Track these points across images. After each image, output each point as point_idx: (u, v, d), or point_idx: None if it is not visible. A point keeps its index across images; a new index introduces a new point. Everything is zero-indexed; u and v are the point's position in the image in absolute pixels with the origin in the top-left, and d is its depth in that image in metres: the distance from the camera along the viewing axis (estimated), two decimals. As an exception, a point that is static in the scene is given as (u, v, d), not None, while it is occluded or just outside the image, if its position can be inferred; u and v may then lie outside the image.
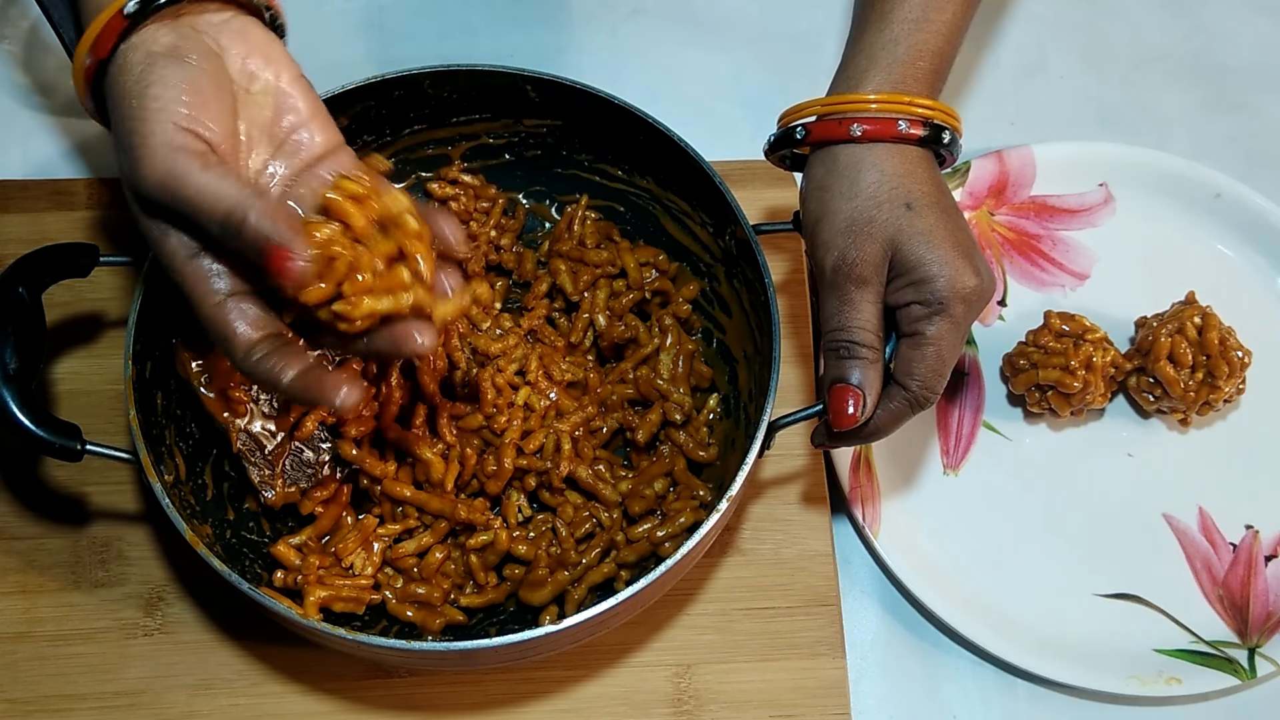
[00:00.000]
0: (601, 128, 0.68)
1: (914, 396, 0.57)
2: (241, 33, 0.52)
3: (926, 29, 0.60)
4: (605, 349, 0.70)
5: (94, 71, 0.51)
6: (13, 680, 0.65)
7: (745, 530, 0.69)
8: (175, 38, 0.50)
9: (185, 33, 0.50)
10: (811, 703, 0.65)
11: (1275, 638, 0.68)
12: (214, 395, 0.61)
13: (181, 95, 0.49)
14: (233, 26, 0.52)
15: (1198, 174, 0.80)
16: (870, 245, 0.56)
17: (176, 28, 0.50)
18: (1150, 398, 0.73)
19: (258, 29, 0.53)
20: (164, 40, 0.50)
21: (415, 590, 0.62)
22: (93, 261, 0.61)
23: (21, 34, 0.85)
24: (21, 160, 0.81)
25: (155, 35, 0.50)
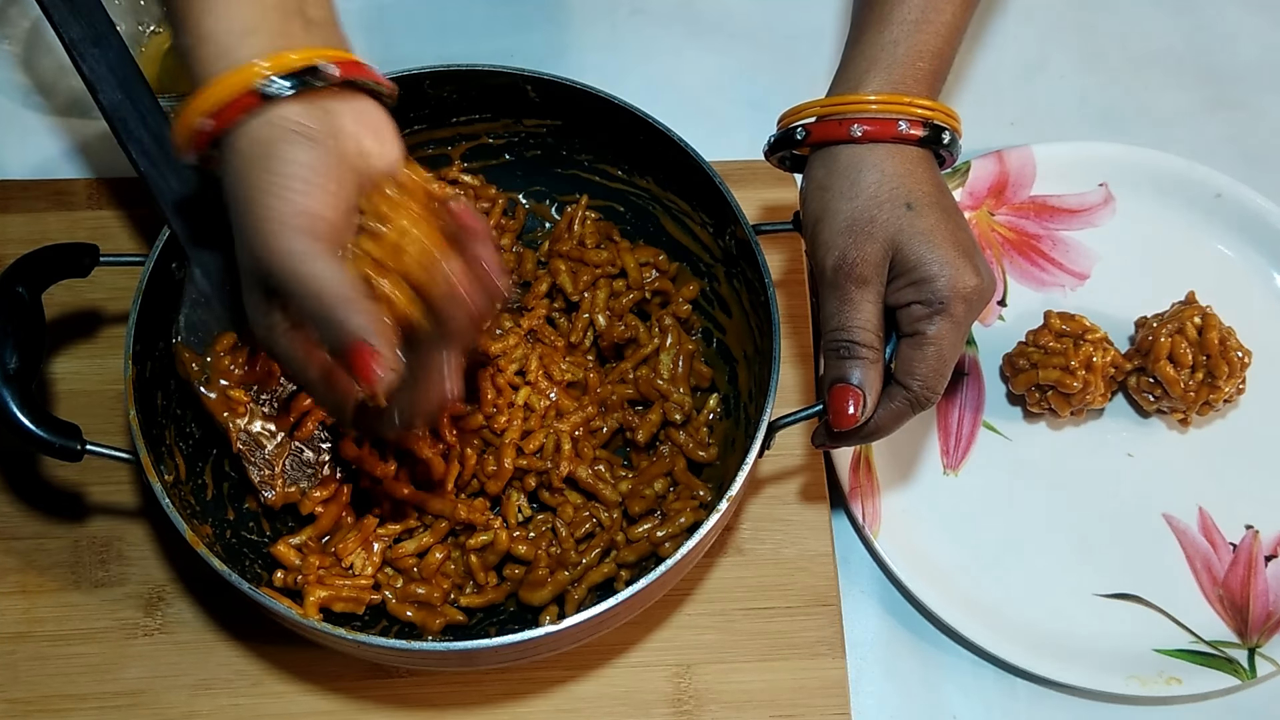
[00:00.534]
0: (601, 128, 0.68)
1: (915, 396, 0.57)
2: (360, 113, 0.52)
3: (926, 30, 0.60)
4: (605, 349, 0.70)
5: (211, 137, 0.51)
6: (13, 680, 0.65)
7: (745, 530, 0.69)
8: (305, 117, 0.50)
9: (316, 113, 0.50)
10: (811, 703, 0.65)
11: (1275, 638, 0.68)
12: (214, 395, 0.61)
13: (312, 176, 0.49)
14: (353, 106, 0.52)
15: (1198, 174, 0.80)
16: (871, 245, 0.57)
17: (309, 107, 0.50)
18: (1150, 398, 0.73)
19: (374, 109, 0.53)
20: (294, 118, 0.50)
21: (415, 590, 0.62)
22: (93, 261, 0.61)
23: (21, 34, 0.85)
24: (21, 160, 0.81)
25: (287, 112, 0.50)
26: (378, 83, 0.53)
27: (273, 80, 0.49)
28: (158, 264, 0.61)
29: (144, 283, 0.60)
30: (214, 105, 0.49)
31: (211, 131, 0.50)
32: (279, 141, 0.49)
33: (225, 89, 0.49)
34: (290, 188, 0.48)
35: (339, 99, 0.51)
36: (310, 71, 0.50)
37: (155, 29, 0.83)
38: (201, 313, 0.61)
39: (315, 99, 0.50)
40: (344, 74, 0.51)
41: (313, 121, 0.50)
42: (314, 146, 0.49)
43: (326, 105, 0.51)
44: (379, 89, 0.53)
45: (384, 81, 0.53)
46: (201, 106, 0.50)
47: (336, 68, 0.50)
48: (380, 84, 0.53)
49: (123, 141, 0.58)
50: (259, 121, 0.49)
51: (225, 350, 0.62)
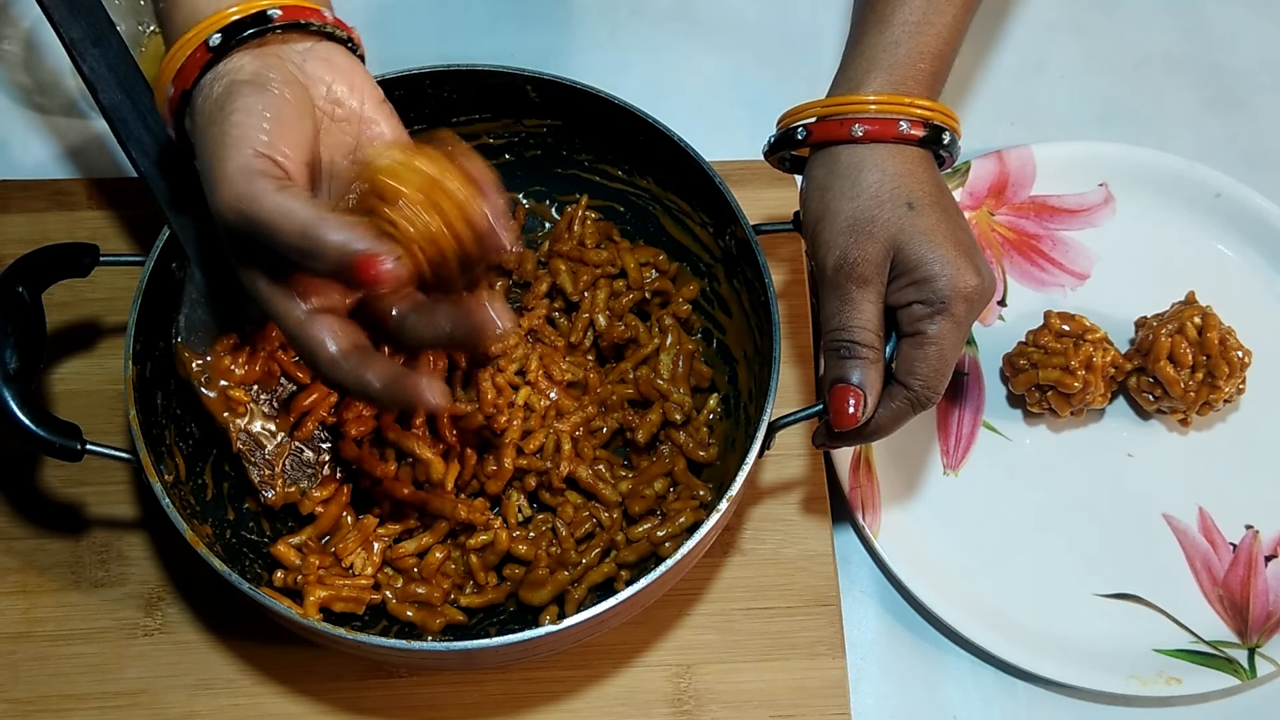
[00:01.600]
0: (601, 128, 0.68)
1: (916, 396, 0.57)
2: (327, 59, 0.52)
3: (927, 31, 0.60)
4: (605, 349, 0.70)
5: (178, 101, 0.51)
6: (13, 680, 0.65)
7: (745, 530, 0.69)
8: (259, 65, 0.50)
9: (270, 61, 0.50)
10: (811, 703, 0.65)
11: (1275, 638, 0.68)
12: (214, 395, 0.61)
13: (262, 122, 0.48)
14: (317, 53, 0.52)
15: (1198, 174, 0.80)
16: (872, 245, 0.57)
17: (261, 56, 0.50)
18: (1150, 398, 0.73)
19: (342, 55, 0.53)
20: (248, 68, 0.50)
21: (415, 590, 0.62)
22: (93, 261, 0.61)
23: (21, 34, 0.85)
24: (21, 160, 0.81)
25: (239, 64, 0.50)
26: (332, 25, 0.52)
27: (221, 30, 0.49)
28: (158, 264, 0.61)
29: (144, 283, 0.60)
30: (174, 69, 0.50)
31: (175, 96, 0.50)
32: (233, 94, 0.49)
33: (183, 50, 0.50)
34: (244, 136, 0.48)
35: (299, 45, 0.51)
36: (255, 17, 0.50)
37: (155, 29, 0.83)
38: (201, 313, 0.61)
39: (267, 47, 0.50)
40: (287, 16, 0.50)
41: (266, 69, 0.50)
42: (267, 93, 0.49)
43: (281, 52, 0.51)
44: (336, 33, 0.53)
45: (340, 24, 0.53)
46: (168, 73, 0.50)
47: (280, 10, 0.50)
48: (336, 26, 0.53)
49: (123, 141, 0.58)
50: (212, 77, 0.50)
51: (225, 350, 0.62)
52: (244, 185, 0.47)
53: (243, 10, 0.50)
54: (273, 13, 0.50)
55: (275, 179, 0.47)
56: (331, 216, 0.46)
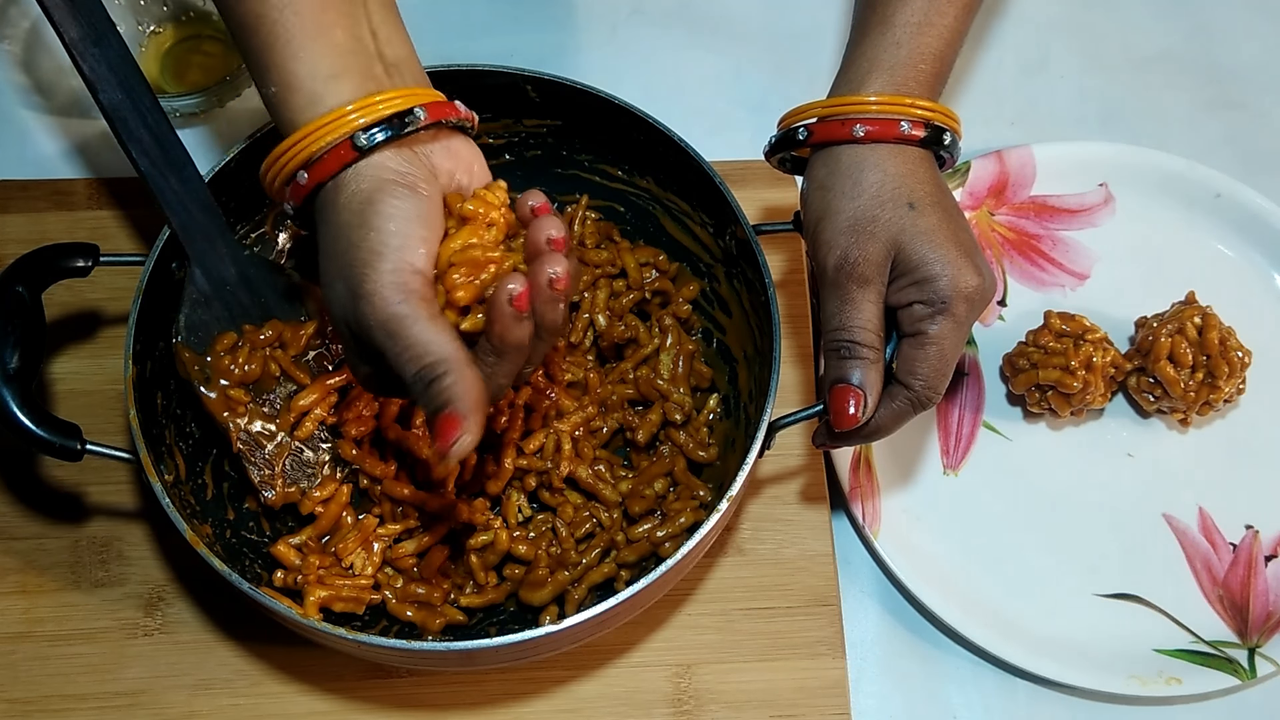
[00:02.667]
0: (601, 128, 0.68)
1: (917, 396, 0.57)
2: (451, 150, 0.52)
3: (928, 32, 0.60)
4: (605, 349, 0.70)
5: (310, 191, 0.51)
6: (13, 680, 0.65)
7: (745, 530, 0.69)
8: (405, 165, 0.50)
9: (410, 158, 0.50)
10: (811, 703, 0.65)
11: (1275, 638, 0.68)
12: (214, 395, 0.61)
13: (420, 231, 0.49)
14: (445, 146, 0.52)
15: (1198, 174, 0.80)
16: (873, 244, 0.57)
17: (403, 152, 0.50)
18: (1150, 398, 0.73)
19: (464, 144, 0.53)
20: (392, 166, 0.50)
21: (415, 590, 0.62)
22: (93, 261, 0.61)
23: (21, 34, 0.85)
24: (21, 160, 0.81)
25: (383, 160, 0.50)
26: (465, 119, 0.53)
27: (366, 130, 0.49)
28: (158, 264, 0.61)
29: (144, 283, 0.60)
30: (308, 157, 0.50)
31: (308, 185, 0.50)
32: (378, 194, 0.49)
33: (319, 140, 0.50)
34: (390, 244, 0.48)
35: (430, 140, 0.52)
36: (402, 117, 0.50)
37: (155, 29, 0.83)
38: (201, 313, 0.61)
39: (408, 144, 0.51)
40: (431, 116, 0.51)
41: (409, 168, 0.50)
42: (412, 195, 0.49)
43: (419, 149, 0.51)
44: (464, 124, 0.53)
45: (469, 116, 0.54)
46: (297, 158, 0.50)
47: (425, 111, 0.51)
48: (465, 120, 0.53)
49: (123, 141, 0.58)
50: (354, 174, 0.50)
51: (225, 350, 0.62)
52: (398, 306, 0.47)
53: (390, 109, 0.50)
54: (419, 112, 0.50)
55: (427, 303, 0.48)
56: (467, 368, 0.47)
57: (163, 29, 0.83)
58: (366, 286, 0.48)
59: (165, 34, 0.83)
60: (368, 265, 0.48)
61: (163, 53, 0.83)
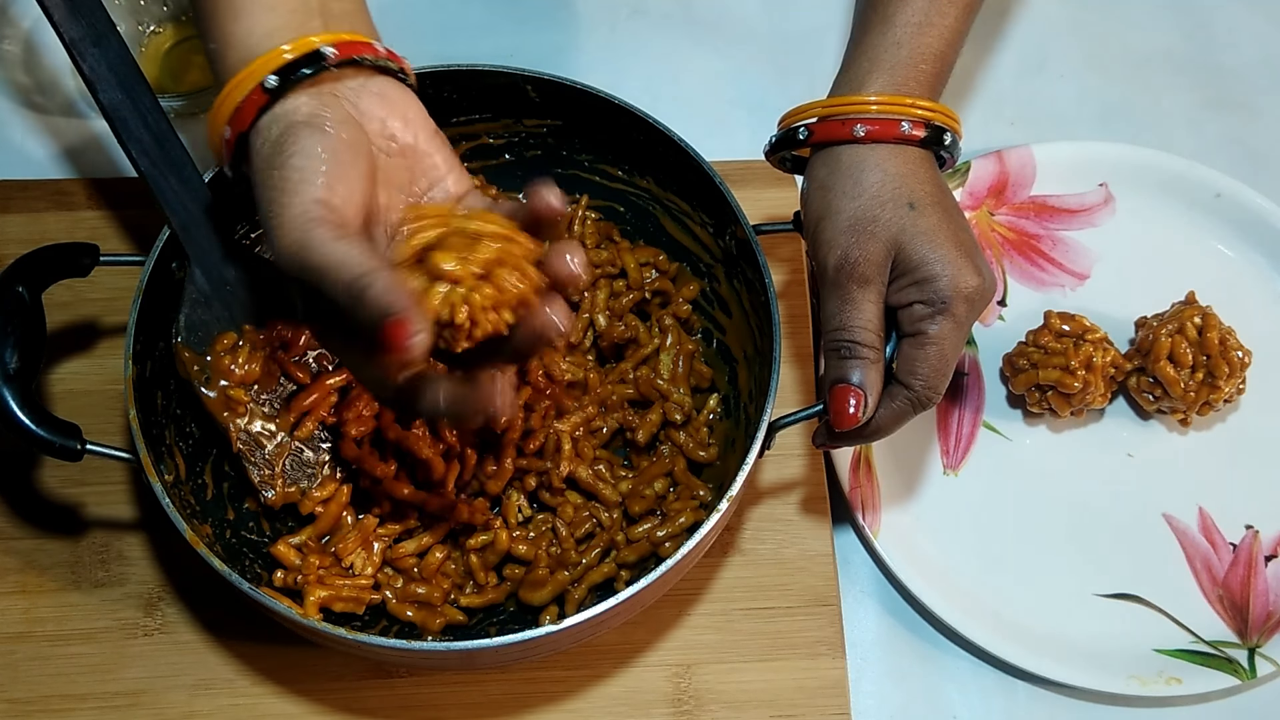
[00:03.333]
0: (601, 128, 0.68)
1: (917, 396, 0.57)
2: (380, 94, 0.52)
3: (929, 33, 0.60)
4: (605, 349, 0.70)
5: (235, 144, 0.51)
6: (13, 680, 0.65)
7: (745, 530, 0.69)
8: (315, 106, 0.50)
9: (325, 100, 0.50)
10: (811, 703, 0.65)
11: (1275, 638, 0.68)
12: (214, 395, 0.61)
13: (320, 165, 0.48)
14: (371, 88, 0.52)
15: (1198, 174, 0.80)
16: (873, 244, 0.57)
17: (317, 95, 0.50)
18: (1150, 398, 0.73)
19: (394, 88, 0.53)
20: (304, 109, 0.49)
21: (415, 590, 0.62)
22: (93, 261, 0.61)
23: (21, 34, 0.85)
24: (21, 160, 0.81)
25: (295, 104, 0.50)
26: (385, 58, 0.52)
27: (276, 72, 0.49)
28: (158, 264, 0.61)
29: (144, 283, 0.60)
30: (229, 111, 0.50)
31: (231, 139, 0.50)
32: (287, 135, 0.49)
33: (238, 91, 0.50)
34: (303, 181, 0.48)
35: (352, 81, 0.51)
36: (309, 57, 0.49)
37: (155, 29, 0.83)
38: (201, 313, 0.61)
39: (325, 87, 0.50)
40: (341, 54, 0.50)
41: (322, 108, 0.49)
42: (324, 134, 0.49)
43: (336, 89, 0.51)
44: (389, 65, 0.53)
45: (395, 58, 0.53)
46: (223, 114, 0.50)
47: (334, 49, 0.50)
48: (389, 59, 0.52)
49: (123, 141, 0.58)
50: (268, 119, 0.50)
51: (225, 350, 0.62)
52: (301, 233, 0.47)
53: (297, 50, 0.50)
54: (327, 51, 0.50)
55: (333, 226, 0.47)
56: (385, 272, 0.46)
57: (163, 29, 0.83)
58: (273, 221, 0.47)
59: (165, 34, 0.83)
60: (274, 202, 0.48)
61: (163, 53, 0.83)
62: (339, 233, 0.47)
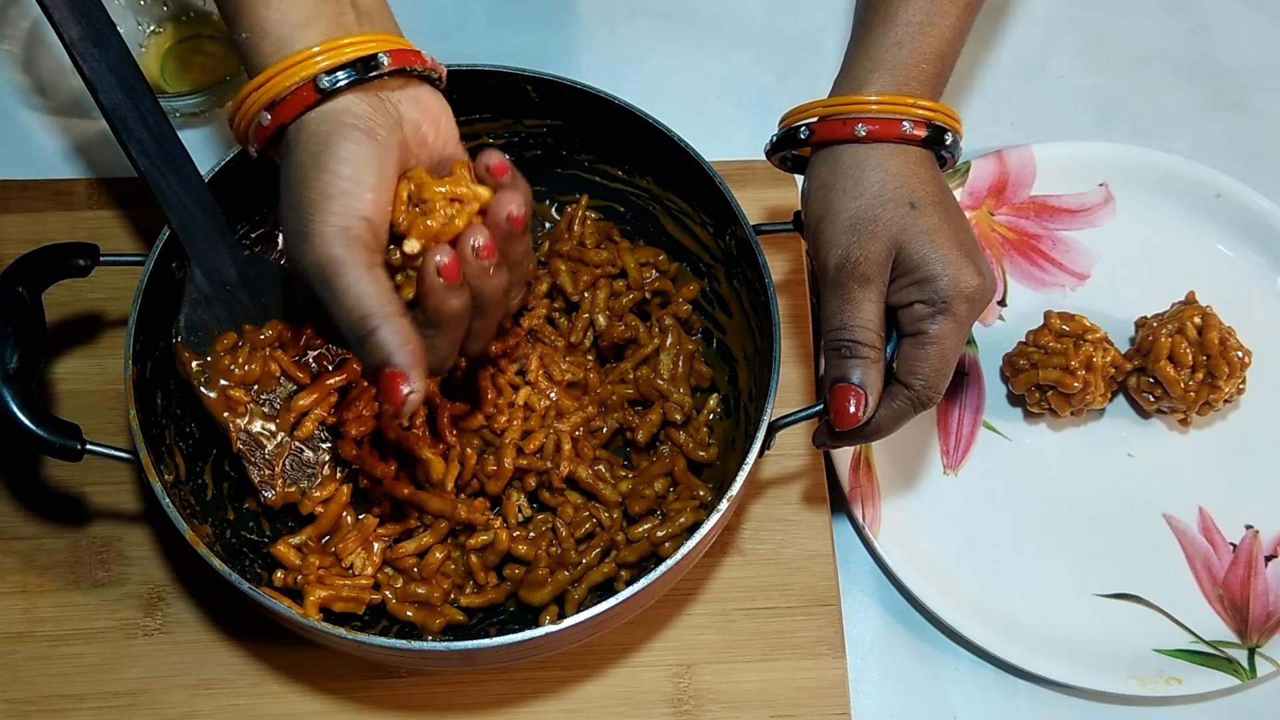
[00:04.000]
0: (601, 128, 0.68)
1: (917, 396, 0.57)
2: (419, 101, 0.53)
3: (930, 33, 0.60)
4: (605, 349, 0.70)
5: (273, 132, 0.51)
6: (13, 680, 0.65)
7: (745, 530, 0.69)
8: (367, 109, 0.50)
9: (375, 104, 0.50)
10: (811, 703, 0.65)
11: (1275, 638, 0.68)
12: (214, 395, 0.61)
13: (366, 177, 0.48)
14: (411, 95, 0.52)
15: (1198, 174, 0.80)
16: (874, 244, 0.57)
17: (367, 99, 0.50)
18: (1150, 398, 0.73)
19: (432, 96, 0.54)
20: (355, 110, 0.50)
21: (415, 590, 0.62)
22: (93, 261, 0.61)
23: (21, 34, 0.85)
24: (21, 160, 0.81)
25: (347, 104, 0.50)
26: (430, 68, 0.53)
27: (329, 73, 0.49)
28: (158, 264, 0.61)
29: (144, 283, 0.60)
30: (272, 98, 0.50)
31: (270, 126, 0.50)
32: (335, 136, 0.49)
33: (283, 82, 0.50)
34: (350, 193, 0.48)
35: (396, 87, 0.52)
36: (365, 62, 0.50)
37: (155, 29, 0.83)
38: (201, 313, 0.61)
39: (372, 89, 0.51)
40: (395, 63, 0.51)
41: (372, 112, 0.50)
42: (369, 140, 0.49)
43: (384, 95, 0.51)
44: (431, 74, 0.53)
45: (436, 66, 0.54)
46: (261, 99, 0.50)
47: (389, 56, 0.51)
48: (432, 69, 0.53)
49: (123, 141, 0.58)
50: (317, 115, 0.50)
51: (225, 350, 0.62)
52: (337, 249, 0.47)
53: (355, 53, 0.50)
54: (383, 58, 0.50)
55: (368, 251, 0.48)
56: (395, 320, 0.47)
57: (163, 29, 0.83)
58: (310, 226, 0.48)
59: (165, 34, 0.83)
60: (315, 206, 0.48)
61: (163, 53, 0.83)
62: (372, 259, 0.48)
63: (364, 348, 0.48)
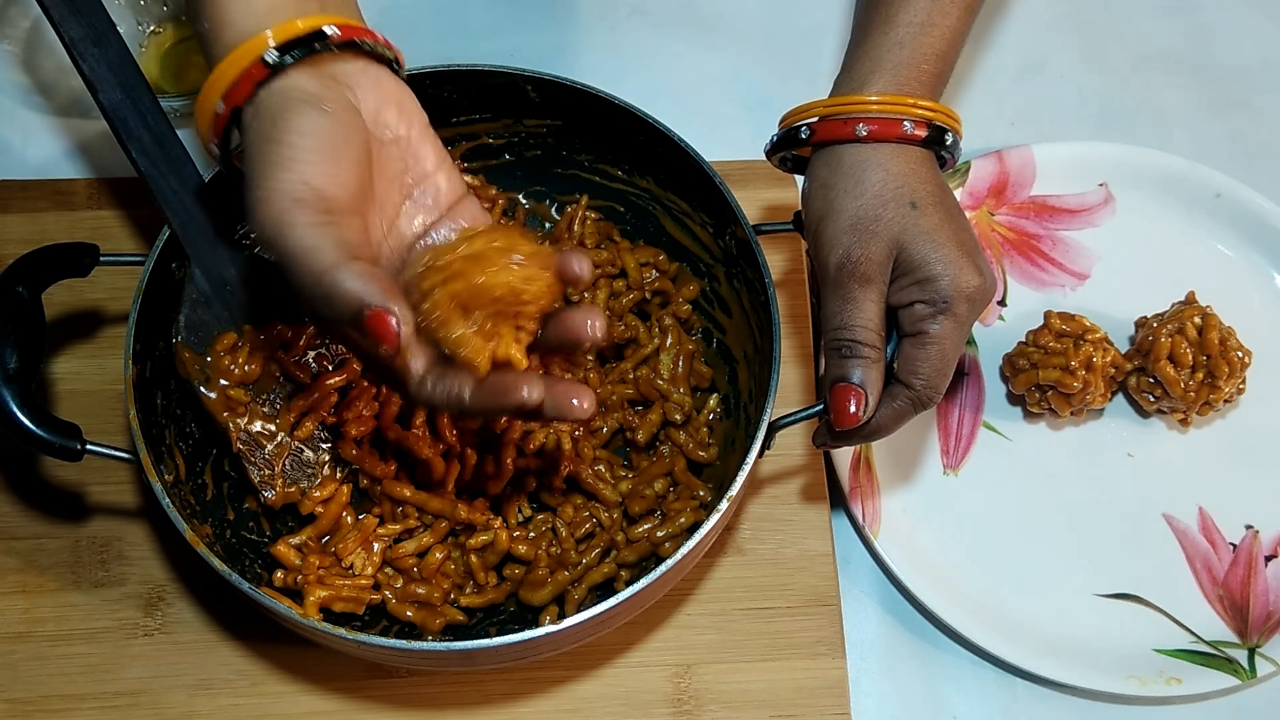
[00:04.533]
0: (601, 128, 0.68)
1: (917, 396, 0.57)
2: (376, 83, 0.52)
3: (931, 33, 0.60)
4: (605, 349, 0.70)
5: (228, 119, 0.50)
6: (13, 680, 0.65)
7: (745, 530, 0.69)
8: (316, 85, 0.49)
9: (325, 81, 0.50)
10: (811, 703, 0.65)
11: (1275, 638, 0.68)
12: (214, 395, 0.61)
13: (315, 145, 0.48)
14: (368, 76, 0.52)
15: (1198, 174, 0.80)
16: (875, 244, 0.57)
17: (317, 75, 0.50)
18: (1150, 398, 0.73)
19: (390, 79, 0.53)
20: (304, 87, 0.49)
21: (415, 590, 0.62)
22: (93, 261, 0.61)
23: (21, 34, 0.85)
24: (21, 160, 0.81)
25: (295, 81, 0.49)
26: (383, 45, 0.52)
27: (279, 49, 0.48)
28: (158, 264, 0.61)
29: (144, 283, 0.60)
30: (226, 85, 0.49)
31: (224, 114, 0.50)
32: (285, 111, 0.48)
33: (234, 65, 0.49)
34: (294, 159, 0.47)
35: (350, 64, 0.51)
36: (315, 36, 0.49)
37: (155, 29, 0.83)
38: (201, 313, 0.61)
39: (324, 68, 0.50)
40: (345, 35, 0.50)
41: (320, 88, 0.49)
42: (321, 114, 0.48)
43: (335, 71, 0.50)
44: (384, 52, 0.52)
45: (389, 45, 0.53)
46: (216, 88, 0.50)
47: (337, 29, 0.50)
48: (385, 47, 0.52)
49: (123, 141, 0.58)
50: (266, 93, 0.49)
51: (225, 350, 0.62)
52: (279, 210, 0.46)
53: (302, 28, 0.49)
54: (330, 31, 0.50)
55: (315, 211, 0.47)
56: (354, 264, 0.45)
57: (163, 29, 0.83)
58: (256, 195, 0.47)
59: (165, 34, 0.83)
60: (261, 175, 0.47)
61: (163, 53, 0.83)
62: (319, 218, 0.47)
63: (332, 303, 0.46)
